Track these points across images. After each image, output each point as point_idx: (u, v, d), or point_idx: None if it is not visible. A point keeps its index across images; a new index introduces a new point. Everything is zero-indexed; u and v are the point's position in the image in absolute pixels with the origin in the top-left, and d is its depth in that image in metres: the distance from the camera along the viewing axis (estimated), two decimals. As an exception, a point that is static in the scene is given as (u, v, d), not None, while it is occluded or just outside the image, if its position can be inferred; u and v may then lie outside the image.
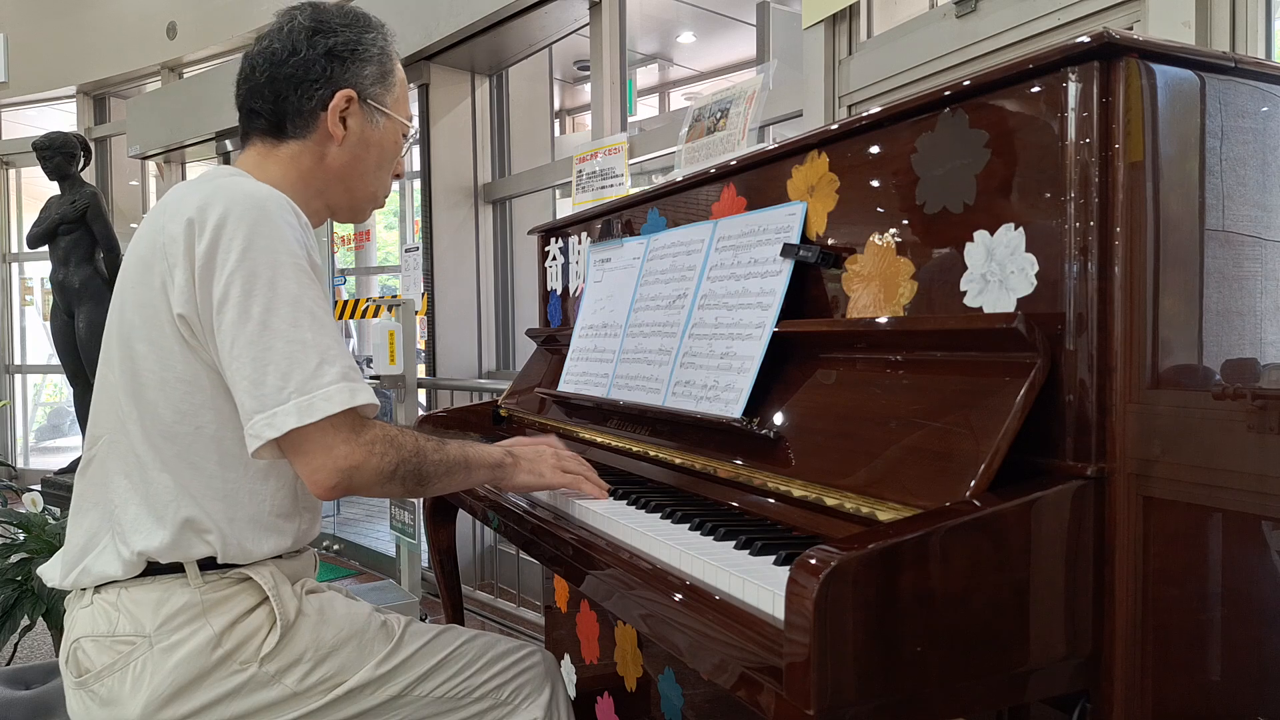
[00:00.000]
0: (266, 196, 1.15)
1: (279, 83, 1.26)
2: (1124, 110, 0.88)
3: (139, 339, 1.16)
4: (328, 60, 1.27)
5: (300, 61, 1.26)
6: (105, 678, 1.15)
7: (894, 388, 1.07)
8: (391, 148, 1.37)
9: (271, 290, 1.09)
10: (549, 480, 1.35)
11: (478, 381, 4.13)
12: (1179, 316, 0.92)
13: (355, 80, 1.29)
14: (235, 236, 1.10)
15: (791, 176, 1.30)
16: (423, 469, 1.18)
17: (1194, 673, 0.93)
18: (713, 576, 0.96)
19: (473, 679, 1.32)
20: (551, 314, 2.16)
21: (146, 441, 1.16)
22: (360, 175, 1.34)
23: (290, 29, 1.28)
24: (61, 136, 5.17)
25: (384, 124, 1.33)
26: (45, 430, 8.02)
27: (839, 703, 0.77)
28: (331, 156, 1.30)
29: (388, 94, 1.33)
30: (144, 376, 1.16)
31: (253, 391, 1.08)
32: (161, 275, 1.14)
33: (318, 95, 1.27)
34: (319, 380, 1.08)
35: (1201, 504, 0.93)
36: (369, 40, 1.30)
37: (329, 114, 1.28)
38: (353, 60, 1.28)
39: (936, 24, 2.20)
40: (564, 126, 7.82)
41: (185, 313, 1.13)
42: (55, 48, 6.75)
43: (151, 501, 1.16)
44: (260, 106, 1.28)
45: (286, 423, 1.07)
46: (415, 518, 3.51)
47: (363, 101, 1.30)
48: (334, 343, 1.12)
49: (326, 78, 1.27)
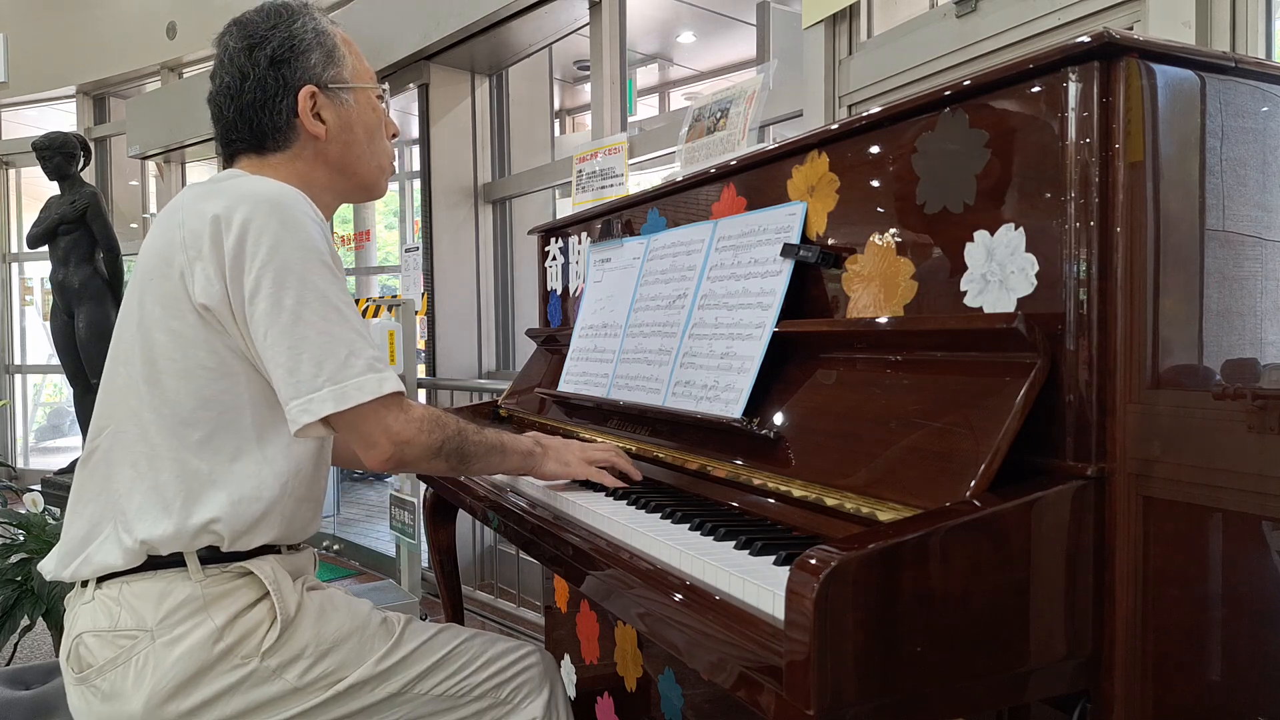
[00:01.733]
0: (286, 194, 1.18)
1: (246, 111, 1.29)
2: (1124, 110, 0.88)
3: (159, 329, 1.19)
4: (274, 69, 1.28)
5: (254, 84, 1.28)
6: (107, 672, 1.15)
7: (894, 388, 1.07)
8: (373, 116, 1.37)
9: (303, 285, 1.14)
10: (574, 470, 1.39)
11: (478, 381, 4.13)
12: (1179, 316, 0.92)
13: (307, 74, 1.29)
14: (264, 233, 1.14)
15: (791, 176, 1.30)
16: (464, 448, 1.27)
17: (1194, 673, 0.93)
18: (713, 577, 0.96)
19: (472, 677, 1.33)
20: (551, 314, 2.16)
21: (162, 429, 1.18)
22: (357, 157, 1.36)
23: (229, 56, 1.30)
24: (61, 136, 5.17)
25: (354, 98, 1.34)
26: (45, 430, 8.02)
27: (839, 703, 0.77)
28: (324, 153, 1.32)
29: (342, 69, 1.33)
30: (162, 365, 1.18)
31: (288, 379, 1.14)
32: (181, 267, 1.17)
33: (283, 106, 1.29)
34: (349, 370, 1.14)
35: (1202, 504, 0.93)
36: (299, 29, 1.30)
37: (301, 117, 1.29)
38: (295, 57, 1.29)
39: (936, 24, 2.20)
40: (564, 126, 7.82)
41: (208, 303, 1.16)
42: (55, 48, 6.75)
43: (160, 489, 1.17)
44: (238, 137, 1.31)
45: (324, 408, 1.13)
46: (415, 518, 3.51)
47: (324, 89, 1.31)
48: (358, 335, 1.17)
49: (282, 86, 1.28)
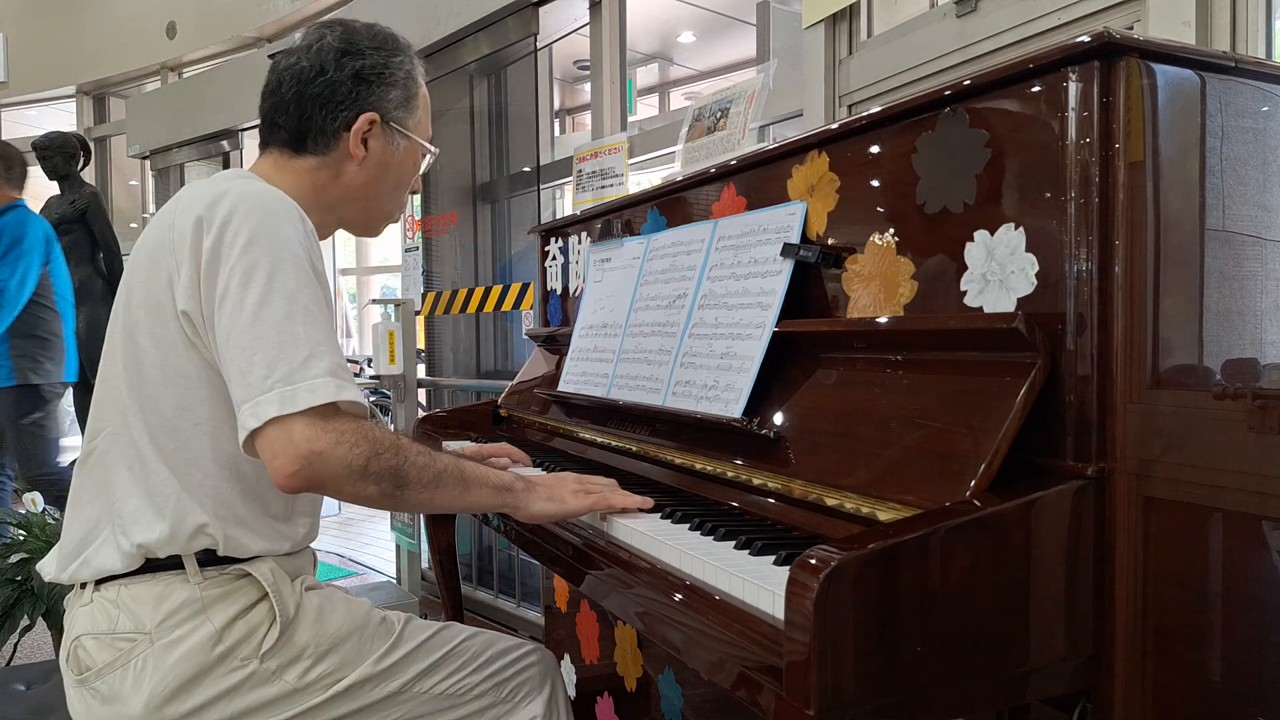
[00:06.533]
0: (275, 198, 1.16)
1: (305, 101, 1.27)
2: (1124, 110, 0.88)
3: (143, 333, 1.17)
4: (354, 82, 1.28)
5: (327, 82, 1.27)
6: (106, 675, 1.15)
7: (894, 388, 1.06)
8: (410, 169, 1.38)
9: (269, 282, 1.09)
10: (571, 506, 1.23)
11: (478, 382, 4.13)
12: (1179, 316, 0.92)
13: (380, 103, 1.30)
14: (240, 232, 1.11)
15: (791, 176, 1.30)
16: (402, 470, 1.09)
17: (1194, 673, 0.93)
18: (713, 576, 0.96)
19: (472, 676, 1.32)
20: (551, 314, 2.16)
21: (147, 435, 1.17)
22: (376, 195, 1.36)
23: (320, 47, 1.28)
24: (61, 136, 5.17)
25: (405, 146, 1.35)
26: (45, 430, 8.00)
27: (839, 702, 0.77)
28: (349, 175, 1.32)
29: (410, 117, 1.34)
30: (146, 371, 1.17)
31: (241, 381, 1.06)
32: (169, 271, 1.15)
33: (342, 116, 1.28)
34: (305, 372, 1.05)
35: (1202, 504, 0.93)
36: (396, 64, 1.31)
37: (351, 135, 1.29)
38: (379, 83, 1.29)
39: (936, 24, 2.20)
40: (564, 126, 7.82)
41: (188, 309, 1.13)
42: (55, 48, 6.74)
43: (153, 494, 1.16)
44: (283, 121, 1.29)
45: (267, 411, 1.03)
46: (415, 518, 3.51)
47: (385, 124, 1.31)
48: (325, 340, 1.10)
49: (352, 100, 1.28)
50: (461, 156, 4.28)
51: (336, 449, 1.04)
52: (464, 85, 4.15)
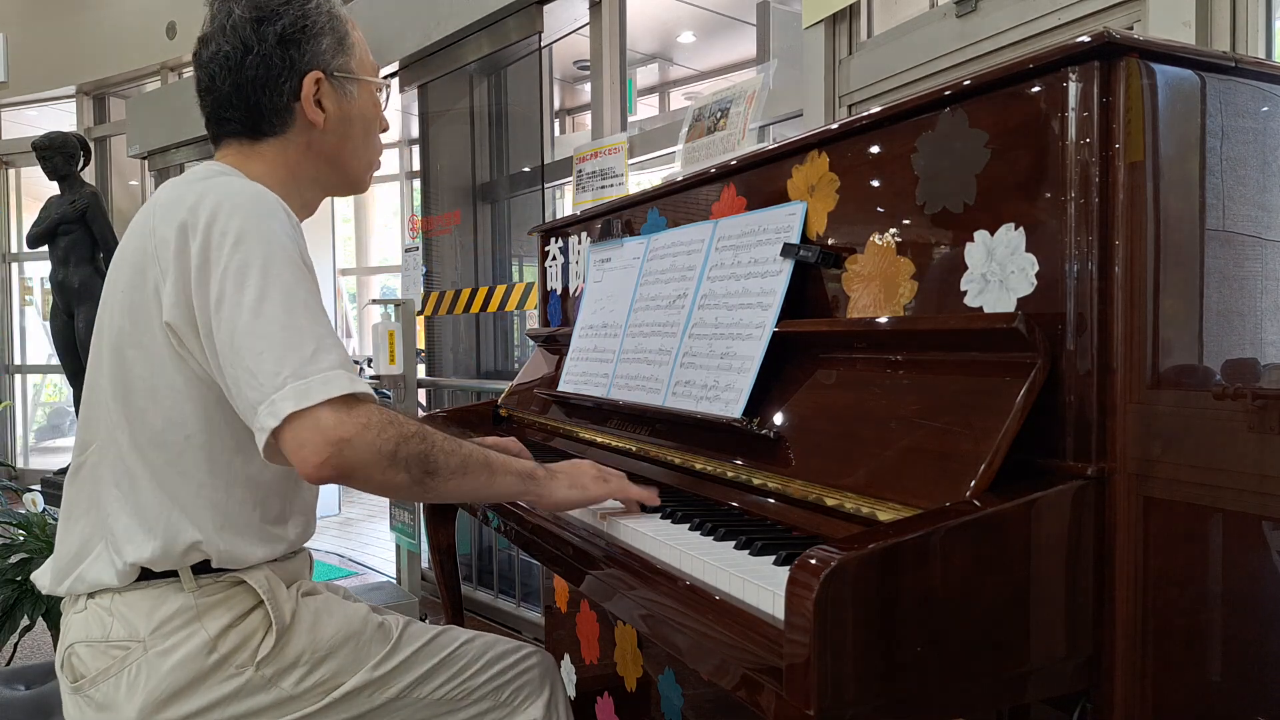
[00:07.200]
0: (257, 193, 1.13)
1: (244, 88, 1.21)
2: (1124, 110, 0.88)
3: (129, 345, 1.14)
4: (283, 49, 1.21)
5: (256, 59, 1.20)
6: (100, 683, 1.14)
7: (894, 388, 1.06)
8: (373, 111, 1.33)
9: (264, 279, 1.05)
10: (594, 492, 1.21)
11: (478, 382, 4.13)
12: (1179, 316, 0.92)
13: (316, 59, 1.23)
14: (228, 231, 1.07)
15: (791, 176, 1.30)
16: (431, 456, 1.05)
17: (1194, 673, 0.93)
18: (713, 577, 0.96)
19: (472, 680, 1.32)
20: (551, 314, 2.16)
21: (135, 450, 1.14)
22: (351, 151, 1.31)
23: (233, 23, 1.20)
24: (61, 136, 5.18)
25: (357, 91, 1.29)
26: (45, 430, 8.01)
27: (839, 702, 0.77)
28: (318, 143, 1.27)
29: (351, 59, 1.27)
30: (134, 383, 1.14)
31: (251, 382, 1.02)
32: (154, 280, 1.12)
33: (286, 89, 1.22)
34: (316, 365, 1.01)
35: (1202, 504, 0.93)
36: (312, 9, 1.23)
37: (303, 103, 1.23)
38: (306, 39, 1.22)
39: (936, 24, 2.20)
40: (564, 126, 7.81)
41: (174, 320, 1.10)
42: (55, 48, 6.74)
43: (141, 513, 1.14)
44: (231, 114, 1.24)
45: (284, 407, 0.99)
46: (415, 518, 3.51)
47: (330, 77, 1.25)
48: (329, 333, 1.07)
49: (288, 68, 1.21)
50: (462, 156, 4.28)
51: (365, 434, 1.00)
52: (464, 85, 4.15)
